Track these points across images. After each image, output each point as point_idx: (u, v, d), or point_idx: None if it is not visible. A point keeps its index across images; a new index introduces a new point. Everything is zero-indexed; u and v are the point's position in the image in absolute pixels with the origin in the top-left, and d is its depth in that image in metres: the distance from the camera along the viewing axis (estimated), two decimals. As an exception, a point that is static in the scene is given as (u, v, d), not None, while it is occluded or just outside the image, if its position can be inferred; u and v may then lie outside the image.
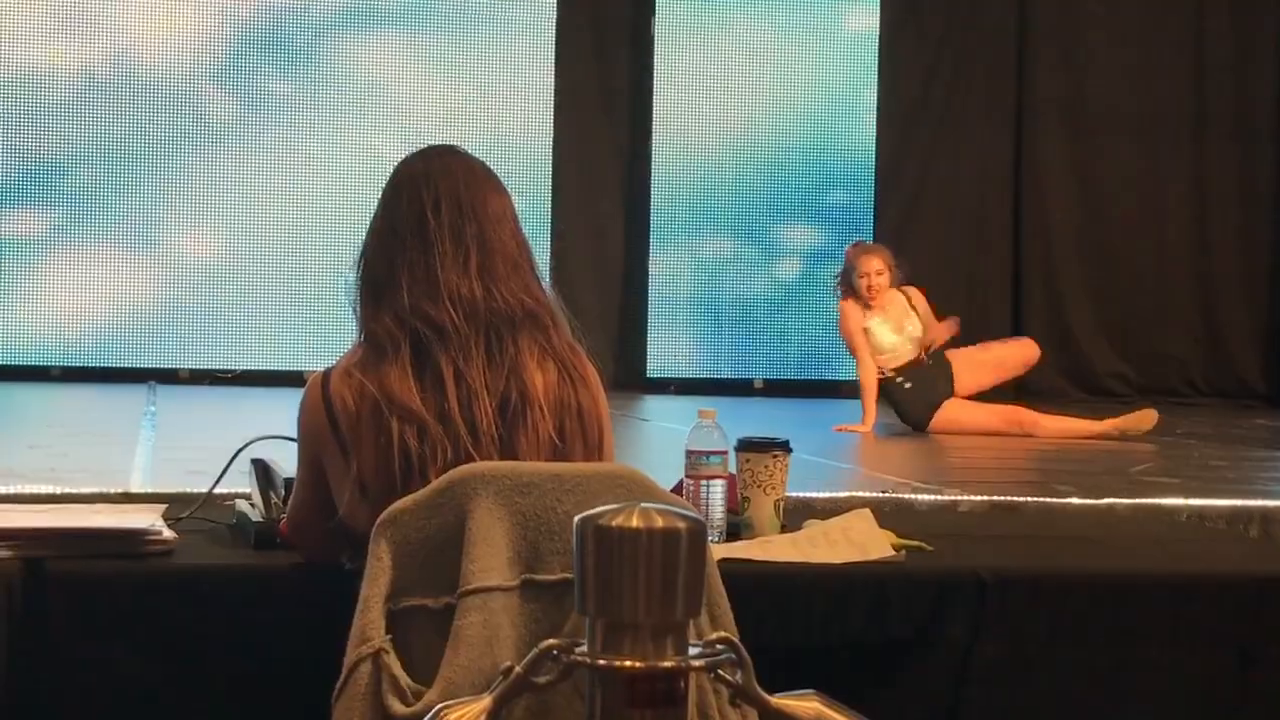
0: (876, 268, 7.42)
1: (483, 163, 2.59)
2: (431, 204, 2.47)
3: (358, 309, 2.52)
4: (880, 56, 9.85)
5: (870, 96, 9.83)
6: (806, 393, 9.47)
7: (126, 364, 9.08)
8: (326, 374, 2.49)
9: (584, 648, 1.18)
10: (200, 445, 5.77)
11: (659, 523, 1.18)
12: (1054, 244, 10.13)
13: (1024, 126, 10.12)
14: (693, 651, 1.20)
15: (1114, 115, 10.09)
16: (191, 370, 9.17)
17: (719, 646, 1.23)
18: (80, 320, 9.09)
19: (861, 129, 9.84)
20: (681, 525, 1.19)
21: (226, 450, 3.06)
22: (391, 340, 2.43)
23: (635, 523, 1.18)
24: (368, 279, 2.52)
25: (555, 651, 1.18)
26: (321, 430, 2.47)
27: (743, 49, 9.77)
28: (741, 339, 9.76)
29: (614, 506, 1.19)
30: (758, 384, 9.70)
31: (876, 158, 9.87)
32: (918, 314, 7.49)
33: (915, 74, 9.95)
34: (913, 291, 7.57)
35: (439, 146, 2.62)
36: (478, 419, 2.40)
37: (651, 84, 9.70)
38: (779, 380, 9.73)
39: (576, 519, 1.22)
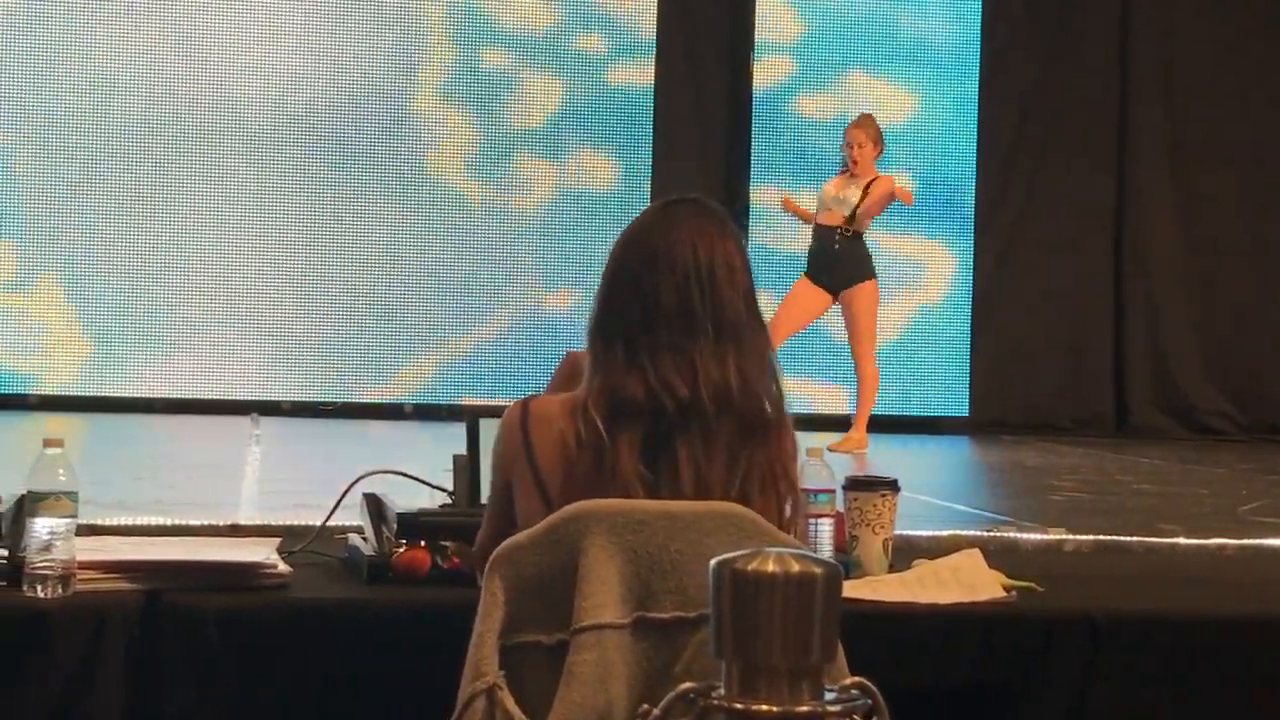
0: (858, 139, 7.79)
1: (713, 211, 2.55)
2: (669, 283, 2.43)
3: (594, 359, 2.48)
4: (980, 94, 9.80)
5: (970, 125, 9.77)
6: (896, 429, 9.42)
7: (229, 396, 9.18)
8: (526, 406, 2.47)
9: (720, 691, 1.19)
10: (305, 477, 5.83)
11: (795, 567, 1.19)
12: (1155, 281, 10.03)
13: (1125, 161, 10.04)
14: (828, 696, 1.20)
15: (1217, 150, 9.99)
16: (294, 402, 9.26)
17: (853, 691, 1.23)
18: (182, 351, 9.20)
19: (961, 157, 9.78)
20: (817, 570, 1.19)
21: (331, 482, 3.09)
22: (629, 408, 2.40)
23: (771, 567, 1.19)
24: (604, 337, 2.48)
25: (692, 695, 1.19)
26: (517, 460, 2.46)
27: (844, 81, 9.76)
28: (833, 374, 9.72)
29: (750, 551, 1.20)
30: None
31: (976, 191, 9.80)
32: (866, 194, 7.77)
33: (1014, 103, 9.88)
34: (883, 179, 7.88)
35: (672, 206, 2.56)
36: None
37: (750, 122, 9.70)
38: (875, 416, 9.67)
39: (713, 562, 1.23)
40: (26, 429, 7.00)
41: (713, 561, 1.23)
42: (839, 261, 7.83)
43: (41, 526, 2.63)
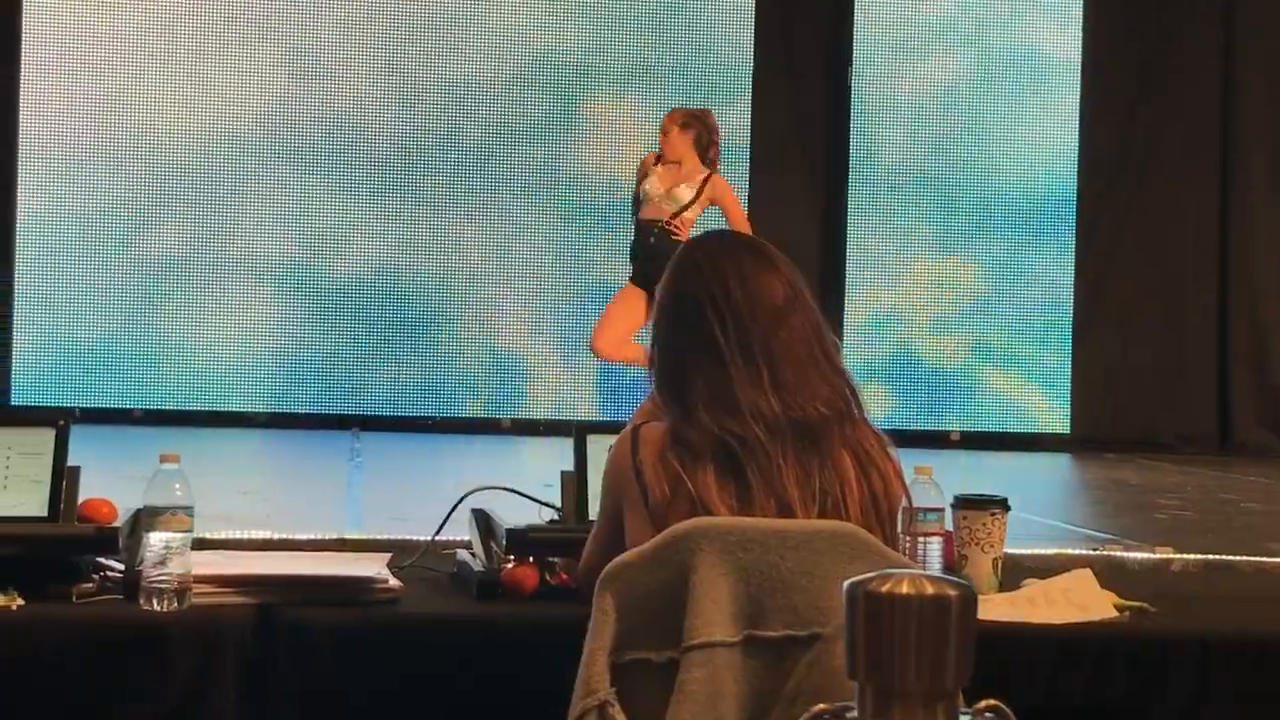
0: (664, 125, 7.83)
1: (751, 243, 2.60)
2: (717, 322, 2.47)
3: (660, 396, 2.53)
4: (1082, 106, 9.72)
5: (1071, 141, 9.69)
6: (996, 445, 9.36)
7: (330, 410, 9.26)
8: (637, 430, 2.51)
9: (854, 713, 1.19)
10: (407, 492, 5.88)
11: (929, 589, 1.19)
12: (1261, 296, 9.89)
13: (1230, 175, 9.91)
14: (963, 719, 1.20)
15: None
16: (394, 417, 9.33)
17: (988, 714, 1.23)
18: (283, 366, 9.29)
19: (1062, 170, 9.71)
20: (953, 592, 1.19)
21: (432, 496, 3.12)
22: (699, 446, 2.43)
23: (905, 589, 1.19)
24: (664, 376, 2.54)
25: (826, 716, 1.19)
26: (627, 482, 2.49)
27: (942, 94, 9.72)
28: (937, 391, 9.67)
29: (884, 572, 1.20)
30: (954, 435, 9.60)
31: (1077, 204, 9.71)
32: (697, 195, 7.74)
33: (1116, 116, 9.79)
34: (718, 182, 7.85)
35: (712, 241, 2.63)
36: None
37: (849, 127, 9.67)
38: (975, 432, 9.63)
39: (846, 584, 1.23)
40: (131, 443, 7.08)
41: (845, 583, 1.23)
42: (654, 257, 7.51)
43: (157, 541, 2.67)
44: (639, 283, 7.80)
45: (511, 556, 2.92)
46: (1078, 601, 2.86)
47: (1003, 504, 2.98)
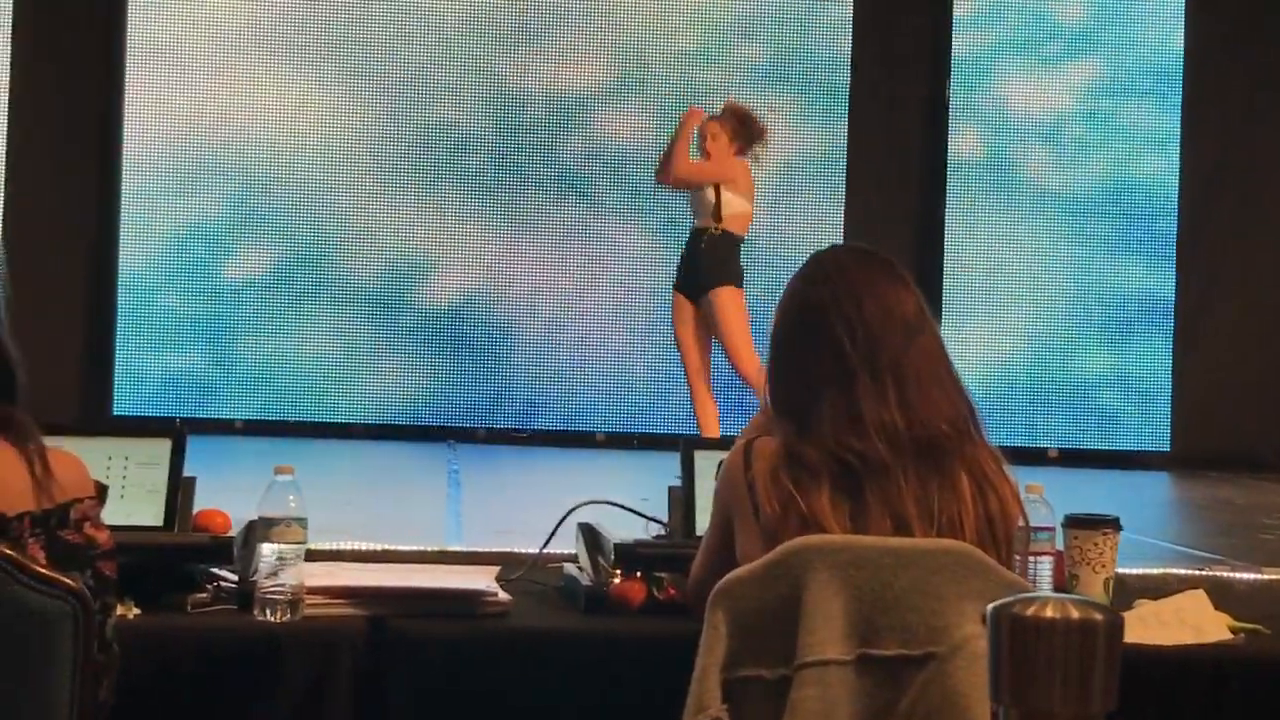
0: (712, 130, 7.53)
1: (881, 259, 2.58)
2: (846, 335, 2.45)
3: (775, 409, 2.51)
4: (1183, 114, 9.61)
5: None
6: (1094, 463, 9.26)
7: (425, 422, 9.31)
8: (749, 445, 2.50)
9: (997, 737, 1.18)
10: (505, 504, 5.91)
11: (1075, 614, 1.18)
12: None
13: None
14: (1108, 745, 1.19)
15: None
16: (488, 429, 9.37)
17: (1131, 741, 1.22)
18: (379, 378, 9.36)
19: (1164, 183, 9.61)
20: (1099, 617, 1.18)
21: (532, 510, 3.13)
22: (814, 463, 2.42)
23: (1051, 613, 1.18)
24: (783, 388, 2.53)
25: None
26: (739, 498, 2.48)
27: (1041, 106, 9.65)
28: (1035, 408, 9.60)
29: (1029, 595, 1.20)
30: (1051, 454, 9.52)
31: (1178, 214, 9.60)
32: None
33: (1219, 122, 9.66)
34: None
35: (837, 255, 2.62)
36: None
37: (946, 142, 9.61)
38: (1074, 449, 9.54)
39: (989, 607, 1.22)
40: (234, 454, 7.16)
41: (989, 606, 1.22)
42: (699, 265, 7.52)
43: (270, 552, 2.69)
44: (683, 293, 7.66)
45: (619, 571, 2.92)
46: (1191, 623, 2.83)
47: (1114, 523, 2.96)
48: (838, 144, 9.52)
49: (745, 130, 7.58)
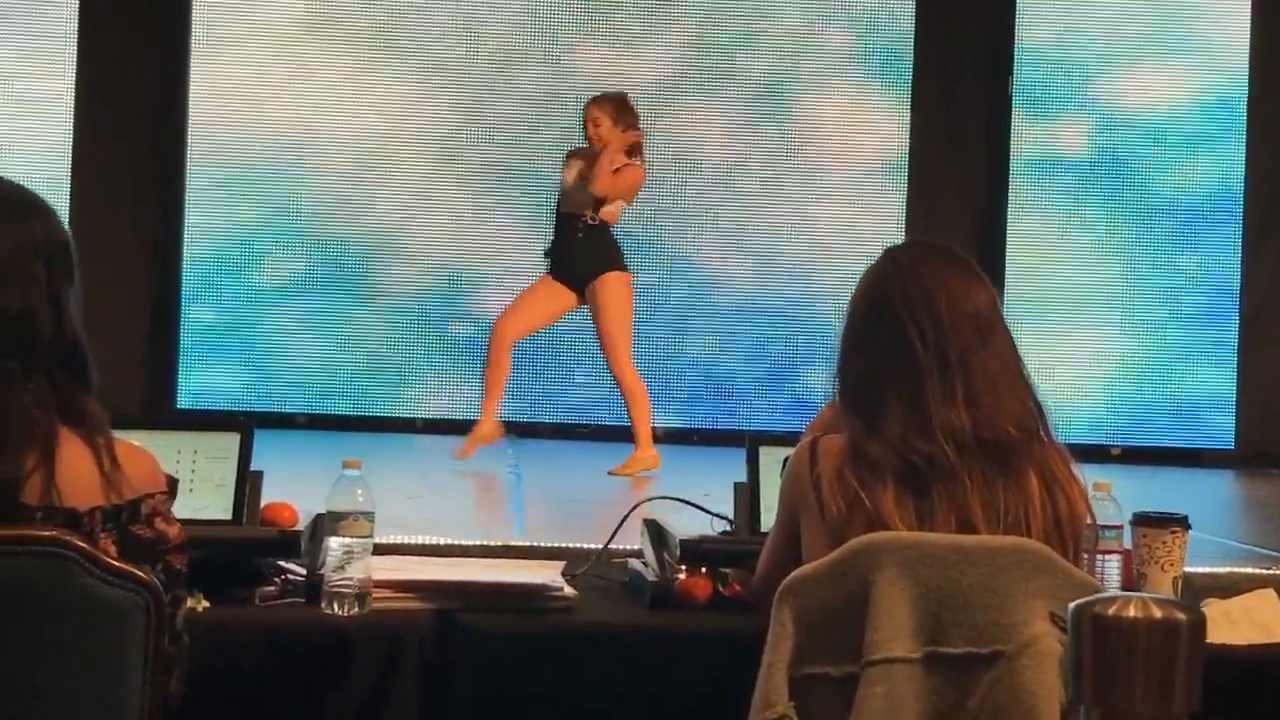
0: (594, 116, 7.33)
1: (956, 254, 2.56)
2: (916, 332, 2.43)
3: (843, 406, 2.50)
4: (1249, 102, 9.51)
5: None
6: (1157, 460, 9.18)
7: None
8: (815, 443, 2.49)
9: (1076, 736, 1.17)
10: (567, 499, 5.91)
11: (1158, 614, 1.17)
12: None
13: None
14: (1190, 744, 1.18)
15: None
16: (549, 424, 9.38)
17: (1213, 741, 1.21)
18: (441, 373, 9.39)
19: (1230, 178, 9.52)
20: (1182, 616, 1.17)
21: (593, 504, 3.14)
22: (880, 462, 2.41)
23: (1133, 613, 1.17)
24: (851, 385, 2.51)
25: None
26: (805, 496, 2.47)
27: (1104, 102, 9.59)
28: (1098, 405, 9.53)
29: (1110, 594, 1.19)
30: (1114, 451, 9.45)
31: (1244, 208, 9.50)
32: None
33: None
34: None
35: (911, 250, 2.59)
36: None
37: (1009, 137, 9.55)
38: (1137, 447, 9.47)
39: (1071, 606, 1.22)
40: (297, 448, 7.19)
41: (1071, 605, 1.22)
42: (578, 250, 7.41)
43: (337, 545, 2.71)
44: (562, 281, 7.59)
45: (684, 566, 2.93)
46: (1260, 622, 2.81)
47: (1183, 522, 2.94)
48: (899, 140, 9.48)
49: (627, 109, 7.46)
